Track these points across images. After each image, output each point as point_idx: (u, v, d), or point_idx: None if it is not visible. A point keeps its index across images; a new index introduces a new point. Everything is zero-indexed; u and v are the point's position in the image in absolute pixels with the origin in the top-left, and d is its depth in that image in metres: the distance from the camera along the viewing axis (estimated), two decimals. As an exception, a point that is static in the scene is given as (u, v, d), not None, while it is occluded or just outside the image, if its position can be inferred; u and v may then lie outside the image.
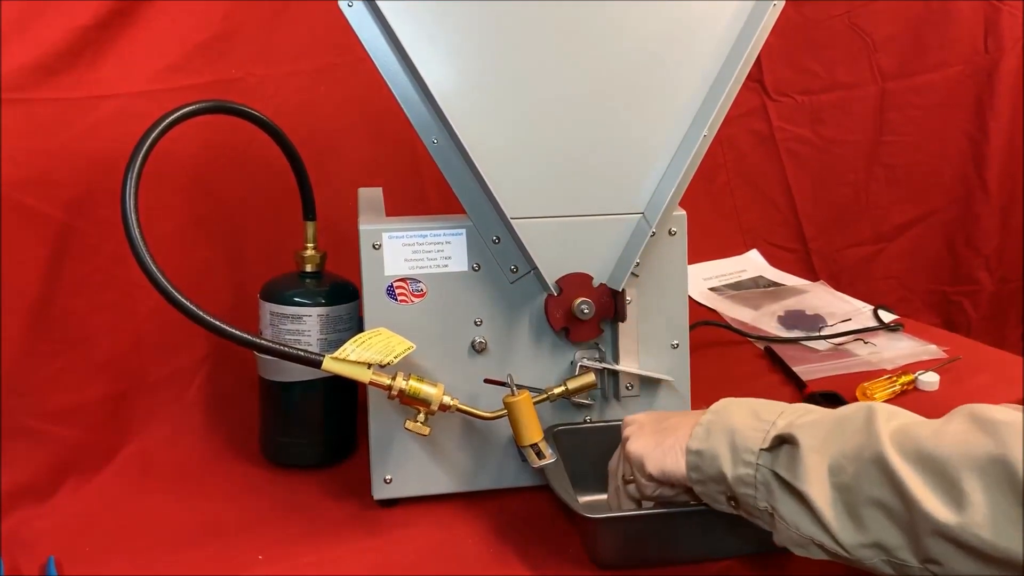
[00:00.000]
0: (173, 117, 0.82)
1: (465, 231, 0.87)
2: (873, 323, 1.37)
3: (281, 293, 0.96)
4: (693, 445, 0.70)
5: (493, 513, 0.89)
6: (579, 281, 0.88)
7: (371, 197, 1.00)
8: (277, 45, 1.18)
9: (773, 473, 0.65)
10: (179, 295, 0.75)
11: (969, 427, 0.56)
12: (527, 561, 0.81)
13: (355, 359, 0.77)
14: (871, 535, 0.59)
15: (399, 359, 0.79)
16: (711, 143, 0.87)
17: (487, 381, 0.87)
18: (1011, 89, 1.62)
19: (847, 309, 1.43)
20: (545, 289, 0.88)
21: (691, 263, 0.93)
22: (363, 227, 0.86)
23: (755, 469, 0.66)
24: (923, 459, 0.57)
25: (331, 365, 0.77)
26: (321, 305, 0.95)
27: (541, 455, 0.83)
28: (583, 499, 0.86)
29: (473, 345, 0.88)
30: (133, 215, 0.76)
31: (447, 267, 0.88)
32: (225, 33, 1.14)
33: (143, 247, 0.76)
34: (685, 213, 0.91)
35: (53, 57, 1.00)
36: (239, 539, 0.86)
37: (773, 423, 0.66)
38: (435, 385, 0.81)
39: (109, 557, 0.84)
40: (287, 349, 0.78)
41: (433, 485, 0.90)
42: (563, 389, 0.88)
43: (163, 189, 1.06)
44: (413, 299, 0.87)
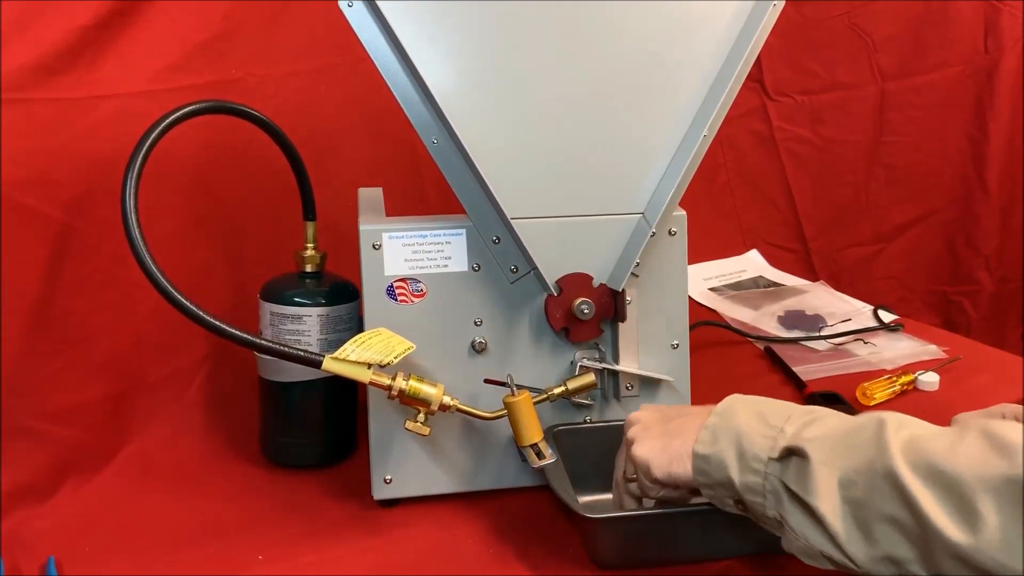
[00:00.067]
0: (173, 117, 0.82)
1: (465, 231, 0.87)
2: (873, 323, 1.37)
3: (281, 293, 0.96)
4: (700, 450, 0.69)
5: (493, 513, 0.89)
6: (579, 281, 0.88)
7: (371, 197, 1.00)
8: (277, 45, 1.18)
9: (782, 483, 0.64)
10: (179, 295, 0.75)
11: (984, 445, 0.56)
12: (527, 561, 0.81)
13: (355, 359, 0.77)
14: (882, 549, 0.59)
15: (399, 359, 0.79)
16: (711, 143, 0.87)
17: (487, 381, 0.87)
18: (1011, 89, 1.62)
19: (847, 309, 1.43)
20: (545, 289, 0.88)
21: (691, 263, 0.93)
22: (363, 227, 0.86)
23: (763, 478, 0.65)
24: (935, 475, 0.56)
25: (331, 365, 0.77)
26: (321, 305, 0.95)
27: (541, 455, 0.82)
28: (583, 499, 0.86)
29: (473, 345, 0.88)
30: (133, 215, 0.76)
31: (447, 267, 0.88)
32: (225, 33, 1.14)
33: (143, 247, 0.76)
34: (685, 213, 0.91)
35: (53, 57, 1.00)
36: (239, 539, 0.86)
37: (781, 429, 0.65)
38: (435, 385, 0.81)
39: (109, 557, 0.84)
40: (287, 349, 0.78)
41: (433, 485, 0.90)
42: (563, 389, 0.88)
43: (163, 189, 1.06)
44: (413, 299, 0.87)
